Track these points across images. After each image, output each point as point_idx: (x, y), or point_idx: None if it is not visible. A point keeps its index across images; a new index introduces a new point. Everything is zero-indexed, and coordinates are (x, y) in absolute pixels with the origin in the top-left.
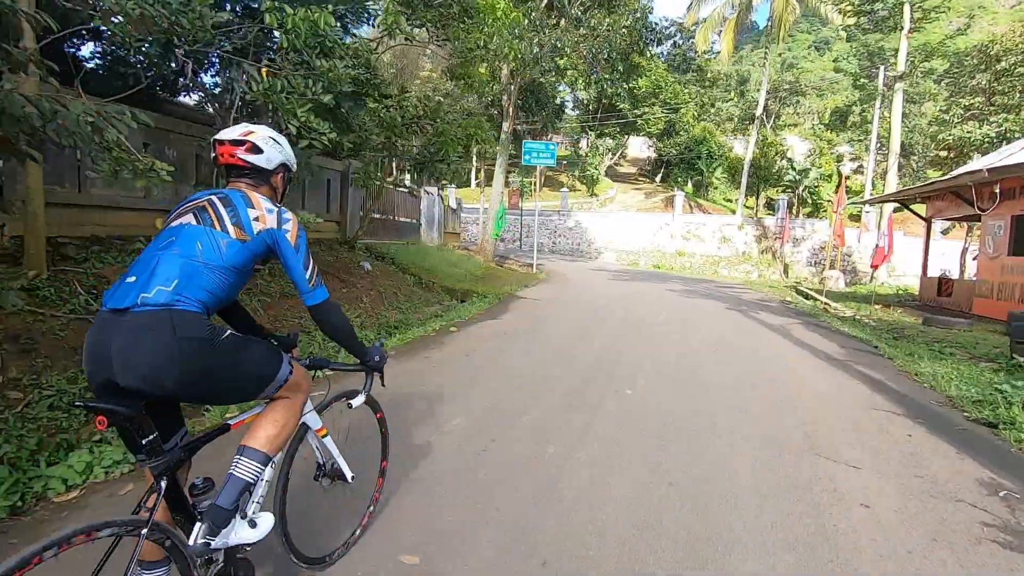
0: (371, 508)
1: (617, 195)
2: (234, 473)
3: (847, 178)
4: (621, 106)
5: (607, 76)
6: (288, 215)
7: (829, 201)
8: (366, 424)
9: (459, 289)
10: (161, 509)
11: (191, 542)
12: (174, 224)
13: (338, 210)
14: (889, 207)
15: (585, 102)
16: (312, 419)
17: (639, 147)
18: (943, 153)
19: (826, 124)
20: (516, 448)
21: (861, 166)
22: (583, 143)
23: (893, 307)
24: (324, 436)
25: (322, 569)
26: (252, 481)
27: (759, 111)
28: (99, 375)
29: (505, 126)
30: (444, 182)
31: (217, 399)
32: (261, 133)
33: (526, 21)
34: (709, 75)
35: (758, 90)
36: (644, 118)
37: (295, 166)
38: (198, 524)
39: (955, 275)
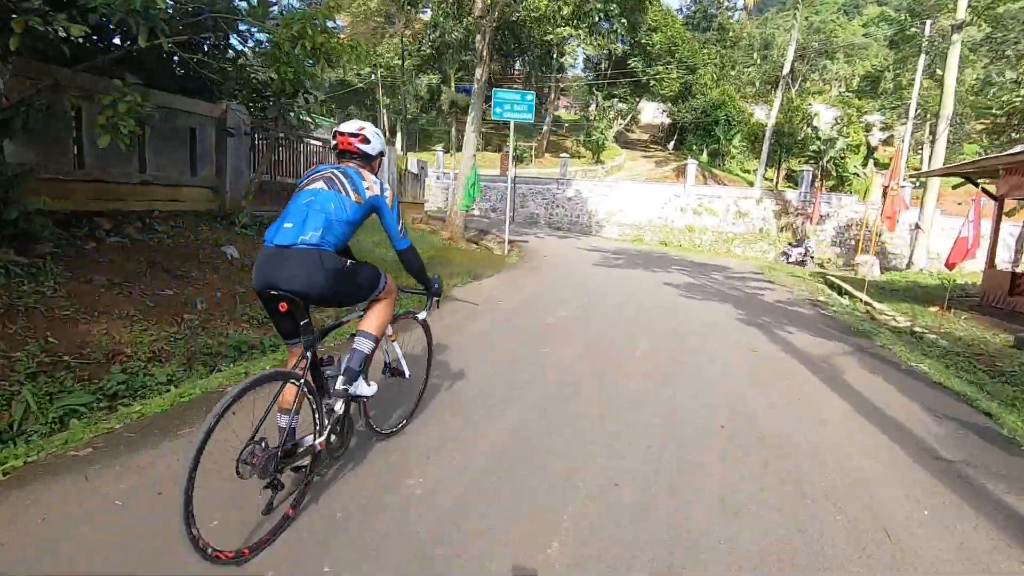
0: (422, 391)
1: (625, 163)
2: (356, 348)
3: (875, 149)
4: (633, 64)
5: (599, 7)
6: (387, 187)
7: (856, 174)
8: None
9: None
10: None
11: (333, 388)
12: (309, 187)
13: (212, 171)
14: (935, 183)
15: (594, 60)
16: (387, 328)
17: (652, 113)
18: (980, 126)
19: (854, 91)
20: None
21: (891, 136)
22: (592, 107)
23: (953, 310)
24: (393, 341)
25: (387, 439)
26: (368, 353)
27: (786, 70)
28: (267, 284)
29: (478, 72)
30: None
31: (340, 304)
32: (370, 129)
33: None
34: (731, 34)
35: (782, 55)
36: (658, 78)
37: (382, 148)
38: (339, 377)
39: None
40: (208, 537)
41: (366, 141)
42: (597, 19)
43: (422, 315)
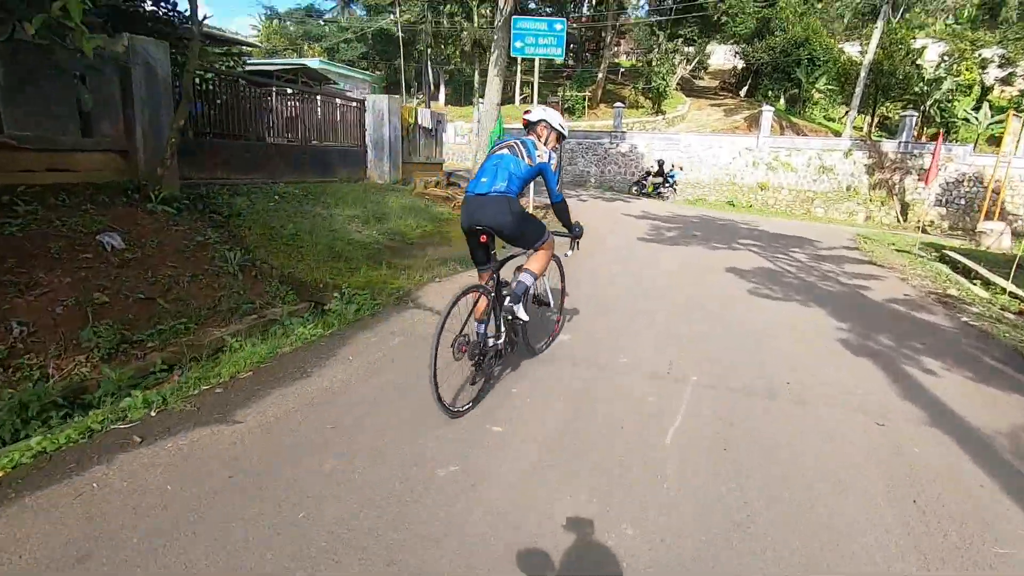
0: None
1: (689, 112)
2: (520, 280)
3: (990, 89)
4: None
5: None
6: (553, 154)
7: (966, 119)
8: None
9: (323, 281)
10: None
11: (504, 304)
12: (497, 152)
13: (120, 129)
14: None
15: None
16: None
17: (723, 56)
18: None
19: (966, 23)
20: None
21: (1012, 73)
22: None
23: None
24: (543, 278)
25: (537, 354)
26: (528, 284)
27: None
28: (473, 223)
29: (501, 1)
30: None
31: (517, 243)
32: (535, 109)
33: None
34: None
35: None
36: (731, 13)
37: (564, 130)
38: (506, 299)
39: None
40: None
41: (528, 112)
42: None
43: (569, 253)
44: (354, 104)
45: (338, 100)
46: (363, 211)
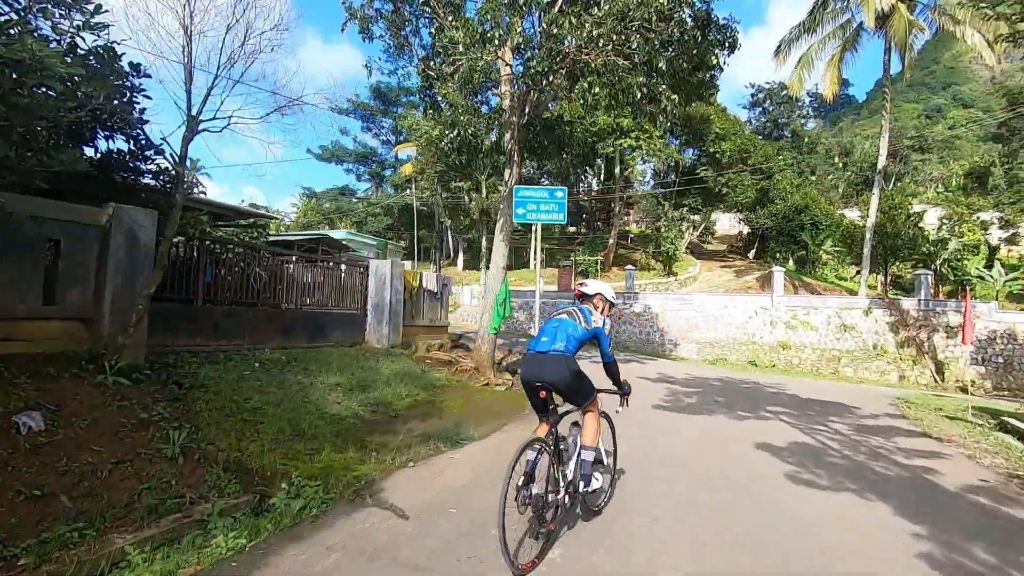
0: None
1: (700, 274)
2: (583, 459)
3: (997, 249)
4: (703, 173)
5: (637, 83)
6: (608, 320)
7: (980, 277)
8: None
9: (274, 467)
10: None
11: (579, 488)
12: (557, 316)
13: (88, 296)
14: None
15: (661, 172)
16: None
17: (728, 223)
18: None
19: (955, 189)
20: None
21: (1016, 234)
22: (662, 219)
23: None
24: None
25: (595, 513)
26: (591, 461)
27: (881, 163)
28: (533, 378)
29: (507, 174)
30: (394, 246)
31: (571, 399)
32: (591, 282)
33: None
34: (807, 140)
35: (866, 159)
36: (730, 185)
37: (616, 300)
38: (579, 481)
39: None
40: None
41: (584, 285)
42: (661, 131)
43: (618, 410)
44: (358, 269)
45: (342, 265)
46: (349, 378)
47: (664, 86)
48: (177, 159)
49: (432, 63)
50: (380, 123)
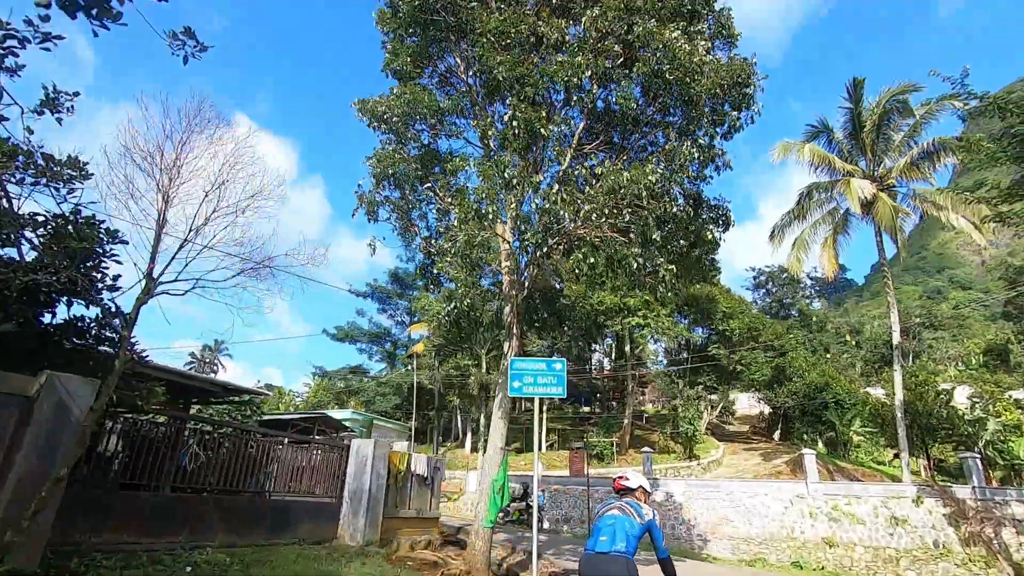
0: None
1: (724, 457)
2: None
3: None
4: (714, 351)
5: (633, 254)
6: (656, 513)
7: None
8: None
9: None
10: None
11: None
12: (610, 513)
13: None
14: None
15: (672, 350)
16: None
17: (747, 403)
18: None
19: (976, 367)
20: None
21: None
22: (678, 398)
23: None
24: None
25: None
26: None
27: (895, 339)
28: None
29: (506, 347)
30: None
31: None
32: (630, 475)
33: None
34: (814, 319)
35: (877, 337)
36: (744, 363)
37: (648, 487)
38: None
39: None
40: None
41: (626, 479)
42: (668, 309)
43: None
44: (336, 450)
45: (316, 444)
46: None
47: (661, 259)
48: (126, 321)
49: (434, 242)
50: (396, 304)
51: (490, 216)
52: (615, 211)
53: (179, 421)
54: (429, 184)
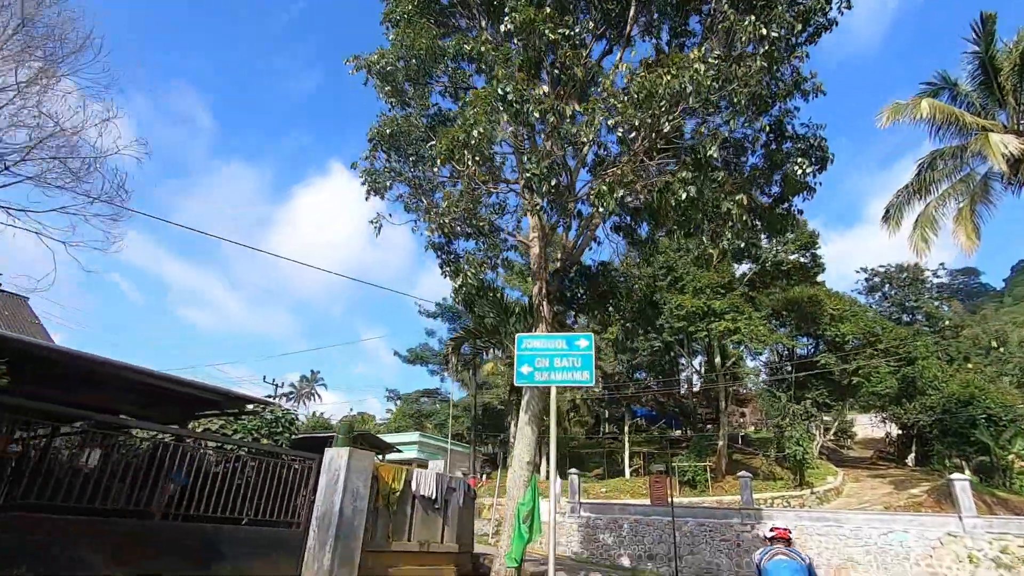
0: None
1: (845, 485)
2: None
3: None
4: (823, 360)
5: (680, 180)
6: (809, 557)
7: None
8: None
9: None
10: None
11: None
12: (784, 559)
13: None
14: None
15: (770, 362)
16: None
17: (869, 425)
18: None
19: None
20: None
21: None
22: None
23: None
24: None
25: None
26: None
27: None
28: None
29: (537, 332)
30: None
31: None
32: (779, 524)
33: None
34: (947, 322)
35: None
36: (862, 374)
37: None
38: None
39: None
40: None
41: (787, 531)
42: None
43: None
44: (299, 462)
45: (271, 457)
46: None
47: (719, 182)
48: None
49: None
50: (466, 323)
51: (475, 138)
52: (653, 128)
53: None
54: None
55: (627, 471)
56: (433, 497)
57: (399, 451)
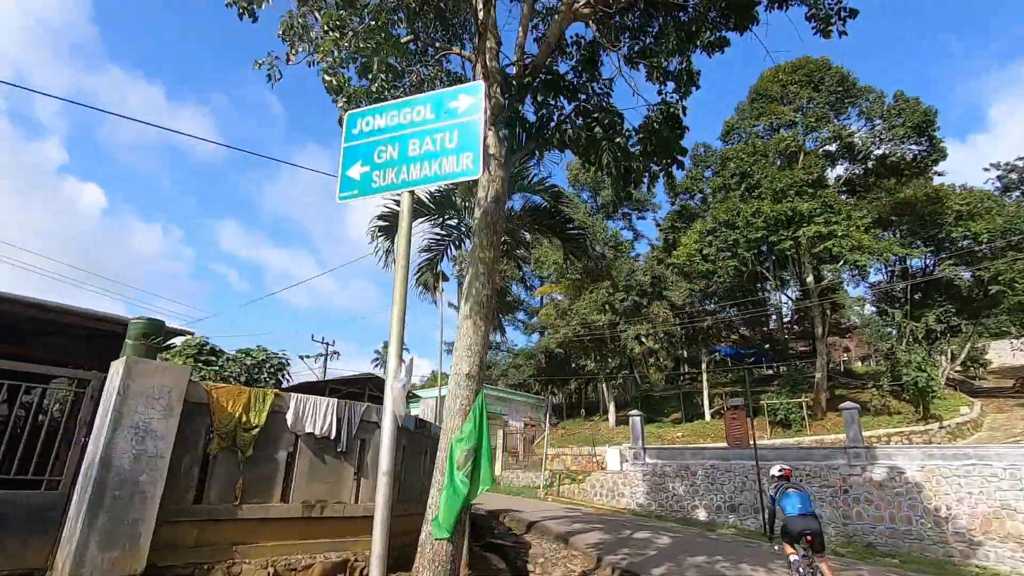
0: None
1: (984, 417)
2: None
3: None
4: (947, 270)
5: None
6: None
7: None
8: None
9: None
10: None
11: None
12: (797, 492)
13: None
14: None
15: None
16: None
17: (1009, 350)
18: None
19: None
20: None
21: None
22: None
23: None
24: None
25: None
26: None
27: None
28: (806, 529)
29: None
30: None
31: (819, 547)
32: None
33: None
34: None
35: None
36: (1004, 281)
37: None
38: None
39: None
40: None
41: (791, 472)
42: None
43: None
44: (68, 385)
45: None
46: None
47: None
48: None
49: None
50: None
51: None
52: None
53: None
54: None
55: (707, 413)
56: (332, 436)
57: (416, 399)
